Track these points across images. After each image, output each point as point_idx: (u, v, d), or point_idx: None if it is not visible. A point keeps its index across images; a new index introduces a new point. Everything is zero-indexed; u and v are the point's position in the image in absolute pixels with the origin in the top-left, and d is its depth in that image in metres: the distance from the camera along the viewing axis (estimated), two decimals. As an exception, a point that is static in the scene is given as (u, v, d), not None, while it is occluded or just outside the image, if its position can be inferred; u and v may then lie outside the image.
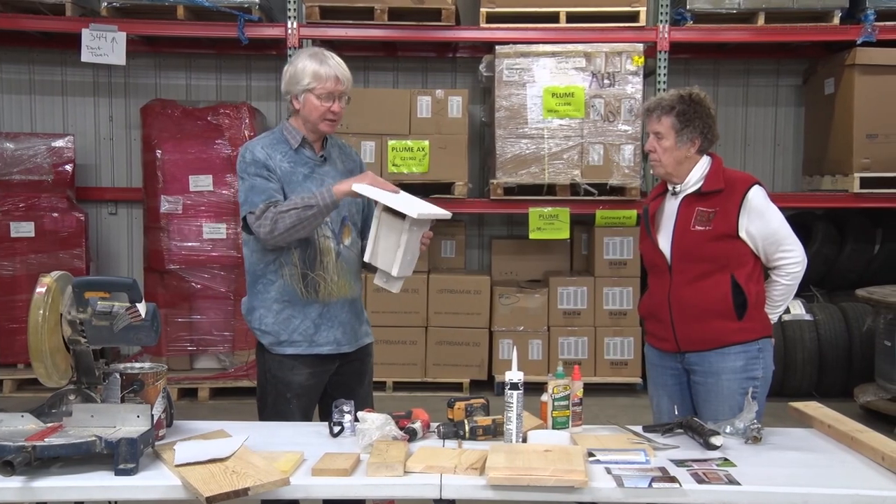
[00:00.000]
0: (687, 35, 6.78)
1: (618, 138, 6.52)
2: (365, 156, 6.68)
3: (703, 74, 7.60)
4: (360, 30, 6.69)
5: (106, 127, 7.61)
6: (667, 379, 3.37)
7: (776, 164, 7.74)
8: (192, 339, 6.71)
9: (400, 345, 6.86)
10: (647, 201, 3.50)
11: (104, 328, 2.65)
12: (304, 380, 3.22)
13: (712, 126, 3.28)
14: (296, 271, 3.16)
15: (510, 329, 6.86)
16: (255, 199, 3.09)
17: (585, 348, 6.85)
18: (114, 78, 7.54)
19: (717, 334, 3.20)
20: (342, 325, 3.26)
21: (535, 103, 6.52)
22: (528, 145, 6.52)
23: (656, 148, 3.30)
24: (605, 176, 6.54)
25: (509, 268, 7.34)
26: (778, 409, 3.63)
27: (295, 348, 3.20)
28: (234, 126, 6.62)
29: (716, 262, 3.19)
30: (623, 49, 6.51)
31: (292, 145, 3.22)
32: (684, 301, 3.23)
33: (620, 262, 6.87)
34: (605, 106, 6.51)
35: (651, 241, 3.35)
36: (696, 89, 3.31)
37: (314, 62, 3.19)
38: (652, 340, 3.45)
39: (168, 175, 6.62)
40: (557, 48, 6.55)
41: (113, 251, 7.64)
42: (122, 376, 2.74)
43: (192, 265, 6.61)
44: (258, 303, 3.22)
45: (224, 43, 7.19)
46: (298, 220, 3.03)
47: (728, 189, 3.21)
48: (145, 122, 6.78)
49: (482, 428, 2.79)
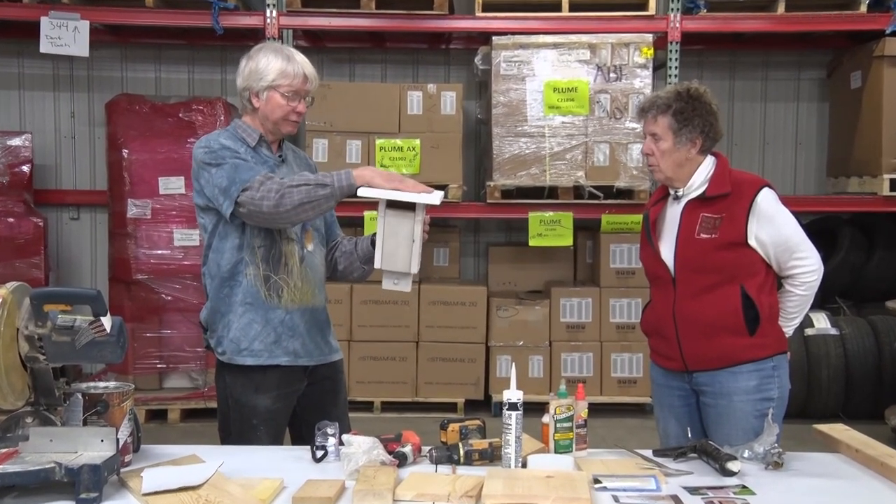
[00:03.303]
0: (700, 24, 6.80)
1: (625, 137, 6.54)
2: (350, 155, 6.70)
3: (717, 67, 7.63)
4: (346, 19, 6.70)
5: (67, 124, 7.61)
6: (674, 400, 3.37)
7: (798, 164, 7.77)
8: (162, 356, 6.70)
9: (389, 361, 6.85)
10: (648, 206, 3.49)
11: (65, 344, 2.64)
12: (270, 403, 3.21)
13: (714, 123, 3.28)
14: (259, 272, 3.17)
15: (509, 344, 6.86)
16: (244, 177, 3.05)
17: (590, 365, 6.85)
18: (76, 71, 7.54)
19: (728, 351, 3.20)
20: (303, 335, 3.26)
21: (536, 99, 6.53)
22: (528, 144, 6.53)
23: (654, 151, 3.30)
24: (611, 178, 6.55)
25: (507, 278, 7.35)
26: (801, 431, 3.63)
27: (255, 358, 3.19)
28: (207, 123, 6.63)
29: (723, 272, 3.19)
30: (631, 40, 6.54)
31: (249, 143, 3.23)
32: (690, 315, 3.23)
33: (628, 271, 6.88)
34: (612, 102, 6.53)
35: (652, 250, 3.34)
36: (694, 83, 3.31)
37: (280, 59, 3.22)
38: (656, 358, 3.45)
39: (135, 176, 6.62)
40: (559, 39, 6.57)
41: (75, 259, 7.64)
42: (84, 397, 2.73)
43: (161, 275, 6.60)
44: (225, 308, 3.21)
45: (197, 33, 7.20)
46: (308, 198, 2.99)
47: (735, 192, 3.21)
48: (110, 118, 6.78)
49: (478, 452, 2.79)
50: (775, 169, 7.62)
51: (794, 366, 5.01)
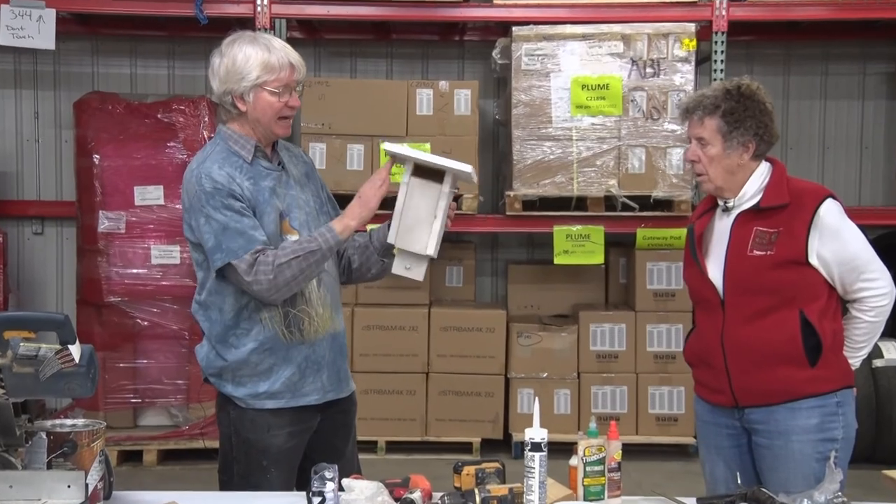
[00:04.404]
0: (750, 12, 6.80)
1: (663, 140, 6.54)
2: (352, 162, 6.70)
3: (769, 61, 7.63)
4: (346, 6, 6.72)
5: (30, 126, 7.65)
6: (722, 440, 3.36)
7: (863, 170, 7.75)
8: (137, 390, 6.69)
9: (395, 395, 6.85)
10: (693, 219, 3.50)
11: (28, 376, 2.64)
12: (282, 441, 3.22)
13: (769, 125, 3.29)
14: (276, 311, 3.19)
15: (531, 376, 6.85)
16: (232, 246, 3.09)
17: (625, 400, 6.83)
18: (40, 66, 7.59)
19: (785, 385, 3.19)
20: (328, 367, 3.28)
21: (562, 97, 6.54)
22: (553, 149, 6.54)
23: (700, 157, 3.31)
24: (647, 186, 6.55)
25: (530, 300, 7.34)
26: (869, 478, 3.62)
27: (276, 401, 3.21)
28: (190, 125, 6.65)
29: (780, 294, 3.19)
30: (670, 30, 6.54)
31: (245, 157, 3.23)
32: (742, 343, 3.23)
33: (667, 293, 6.87)
34: (648, 100, 6.53)
35: (698, 269, 3.35)
36: (745, 80, 3.32)
37: (259, 50, 3.19)
38: (702, 392, 3.45)
39: (108, 185, 6.63)
40: (589, 29, 6.57)
41: (38, 279, 7.66)
42: (49, 436, 2.74)
43: (137, 297, 6.61)
44: (234, 357, 3.21)
45: (178, 23, 7.23)
46: (300, 272, 3.09)
47: (794, 203, 3.21)
48: (80, 120, 6.81)
49: (497, 499, 2.78)
50: (837, 176, 7.60)
51: (862, 402, 5.01)
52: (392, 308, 6.87)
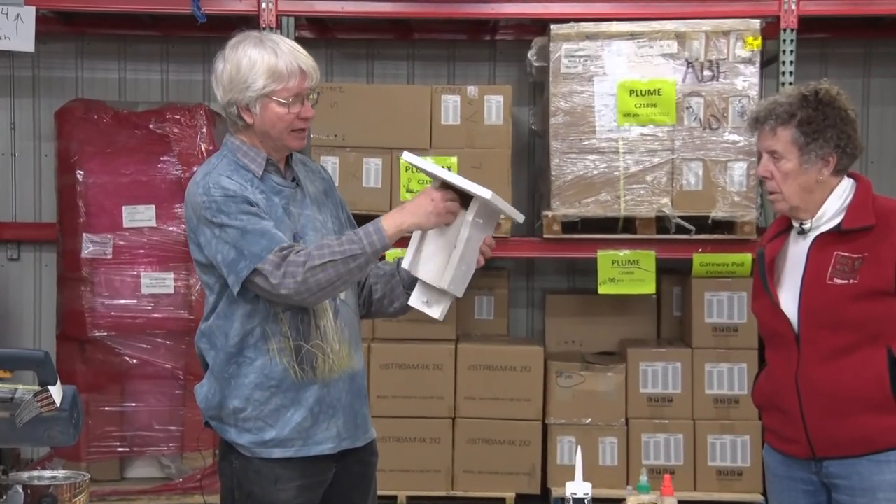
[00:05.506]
0: (824, 6, 6.77)
1: (723, 153, 6.52)
2: (368, 178, 6.72)
3: (846, 62, 7.62)
4: (362, 2, 6.74)
5: (5, 138, 7.71)
6: (797, 496, 3.36)
7: (956, 187, 7.72)
8: (125, 437, 6.71)
9: (417, 443, 6.84)
10: (763, 242, 3.50)
11: (3, 421, 2.66)
12: (292, 496, 3.22)
13: (852, 135, 3.29)
14: (287, 344, 3.19)
15: (572, 422, 6.83)
16: (255, 250, 3.08)
17: (680, 450, 6.80)
18: (18, 70, 7.66)
19: (869, 433, 3.18)
20: (344, 411, 3.29)
21: (607, 104, 6.54)
22: (597, 163, 6.54)
23: (773, 173, 3.31)
24: (705, 205, 6.53)
25: (570, 335, 7.33)
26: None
27: (285, 450, 3.21)
28: (186, 137, 6.69)
29: (864, 329, 3.19)
30: (731, 27, 6.54)
31: (255, 171, 3.24)
32: (819, 385, 3.22)
33: (729, 327, 6.84)
34: (706, 107, 6.53)
35: (769, 300, 3.35)
36: (823, 84, 3.32)
37: (265, 54, 3.20)
38: (774, 441, 3.43)
39: (93, 205, 6.68)
40: (638, 27, 6.58)
41: (14, 312, 7.71)
42: (26, 490, 2.75)
43: (125, 331, 6.64)
44: (230, 391, 3.23)
45: (173, 22, 7.30)
46: (337, 277, 3.07)
47: (881, 225, 3.21)
48: (62, 131, 6.87)
49: (534, 565, 2.78)
50: (924, 194, 7.56)
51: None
52: (414, 343, 6.86)
